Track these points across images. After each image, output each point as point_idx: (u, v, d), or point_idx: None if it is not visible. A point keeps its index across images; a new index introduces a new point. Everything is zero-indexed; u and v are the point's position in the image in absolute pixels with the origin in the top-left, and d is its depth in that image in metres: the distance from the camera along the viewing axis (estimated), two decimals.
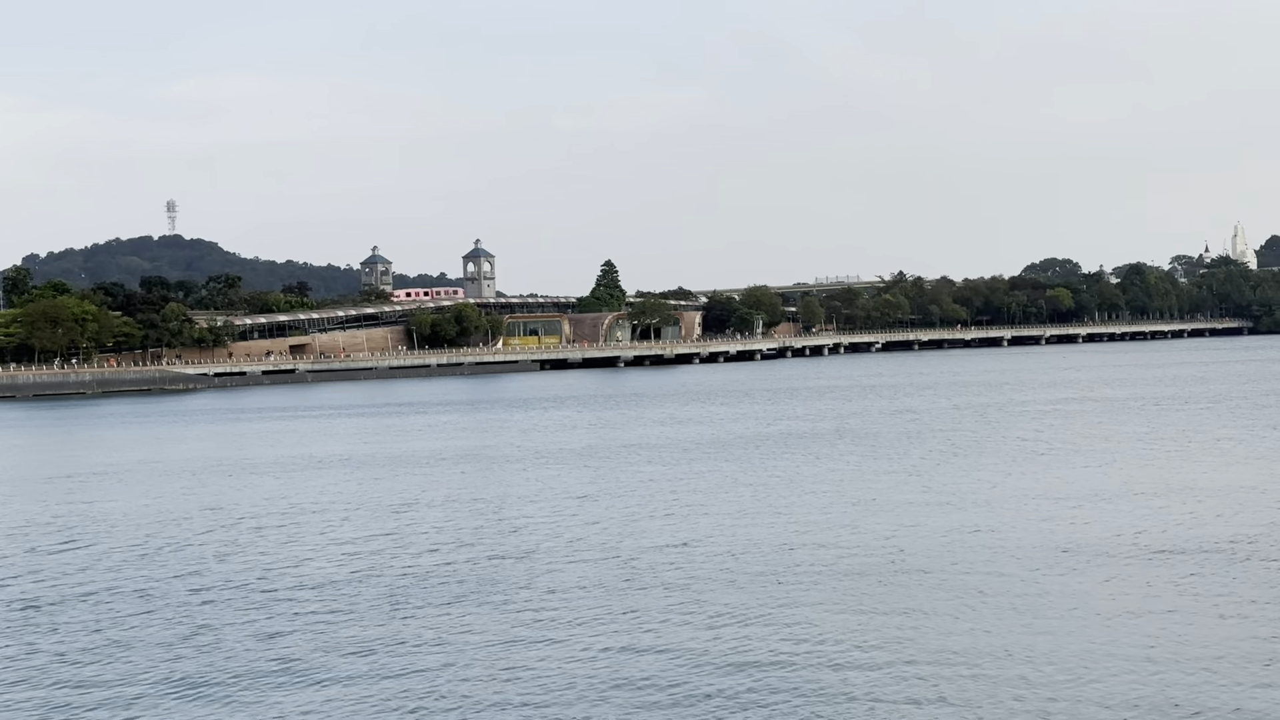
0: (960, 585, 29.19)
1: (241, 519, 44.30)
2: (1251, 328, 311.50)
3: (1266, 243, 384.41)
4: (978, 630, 25.22)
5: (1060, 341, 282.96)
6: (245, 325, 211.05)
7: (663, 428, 79.27)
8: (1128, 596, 27.66)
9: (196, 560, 36.35)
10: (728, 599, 28.65)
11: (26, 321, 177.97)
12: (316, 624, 27.93)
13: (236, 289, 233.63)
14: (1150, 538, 34.18)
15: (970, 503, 41.79)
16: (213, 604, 30.37)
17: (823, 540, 35.60)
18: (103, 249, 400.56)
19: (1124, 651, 23.41)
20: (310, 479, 56.50)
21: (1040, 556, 32.15)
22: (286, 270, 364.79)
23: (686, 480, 51.02)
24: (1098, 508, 39.74)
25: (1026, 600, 27.61)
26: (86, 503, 50.41)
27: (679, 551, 34.75)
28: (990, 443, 62.04)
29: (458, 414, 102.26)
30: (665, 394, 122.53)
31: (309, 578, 33.07)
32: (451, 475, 56.30)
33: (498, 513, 43.58)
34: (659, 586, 30.31)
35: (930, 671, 22.60)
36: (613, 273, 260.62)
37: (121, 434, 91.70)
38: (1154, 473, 47.95)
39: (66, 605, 30.82)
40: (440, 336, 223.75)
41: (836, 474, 51.39)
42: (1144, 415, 75.97)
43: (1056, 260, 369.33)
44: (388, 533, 40.00)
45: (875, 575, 30.70)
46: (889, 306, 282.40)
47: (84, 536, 41.44)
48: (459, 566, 33.84)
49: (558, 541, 37.16)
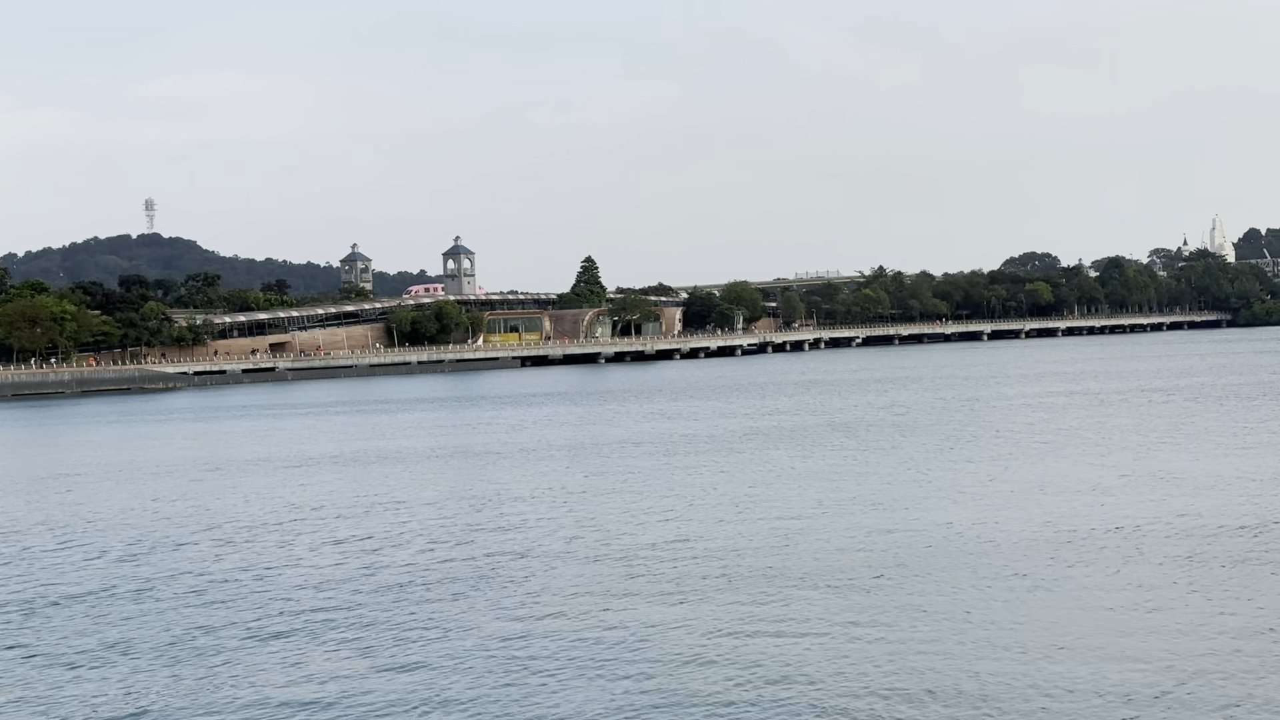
0: (969, 578, 28.95)
1: (235, 518, 43.85)
2: (1230, 320, 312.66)
3: (1245, 235, 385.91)
4: (987, 623, 24.98)
5: (1040, 335, 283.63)
6: (225, 324, 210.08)
7: (657, 423, 78.96)
8: (1138, 588, 27.46)
9: (193, 560, 35.92)
10: (729, 596, 28.37)
11: (4, 321, 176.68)
12: (317, 622, 27.56)
13: (215, 287, 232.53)
14: (1159, 528, 34.02)
15: (971, 495, 41.59)
16: (211, 604, 29.97)
17: (826, 535, 35.33)
18: (81, 248, 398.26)
19: (1138, 645, 23.21)
20: (303, 477, 56.02)
21: (1052, 548, 31.95)
22: (266, 268, 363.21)
23: (685, 475, 50.71)
24: (1102, 498, 39.58)
25: (1042, 592, 27.39)
26: (77, 503, 49.85)
27: (679, 547, 34.44)
28: (985, 436, 61.89)
29: (444, 411, 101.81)
30: (652, 389, 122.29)
31: (308, 576, 32.68)
32: (446, 472, 55.91)
33: (496, 509, 43.23)
34: (659, 583, 29.99)
35: (942, 668, 22.35)
36: (593, 269, 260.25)
37: (105, 433, 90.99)
38: (1153, 463, 47.82)
39: (62, 606, 30.37)
40: (421, 334, 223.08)
41: (835, 468, 51.14)
42: (1136, 407, 75.98)
43: (1036, 254, 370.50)
44: (385, 530, 39.61)
45: (882, 570, 30.44)
46: (869, 301, 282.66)
47: (78, 537, 40.93)
48: (458, 564, 33.49)
49: (555, 539, 36.82)
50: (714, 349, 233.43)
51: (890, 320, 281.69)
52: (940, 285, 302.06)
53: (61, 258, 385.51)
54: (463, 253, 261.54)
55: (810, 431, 68.23)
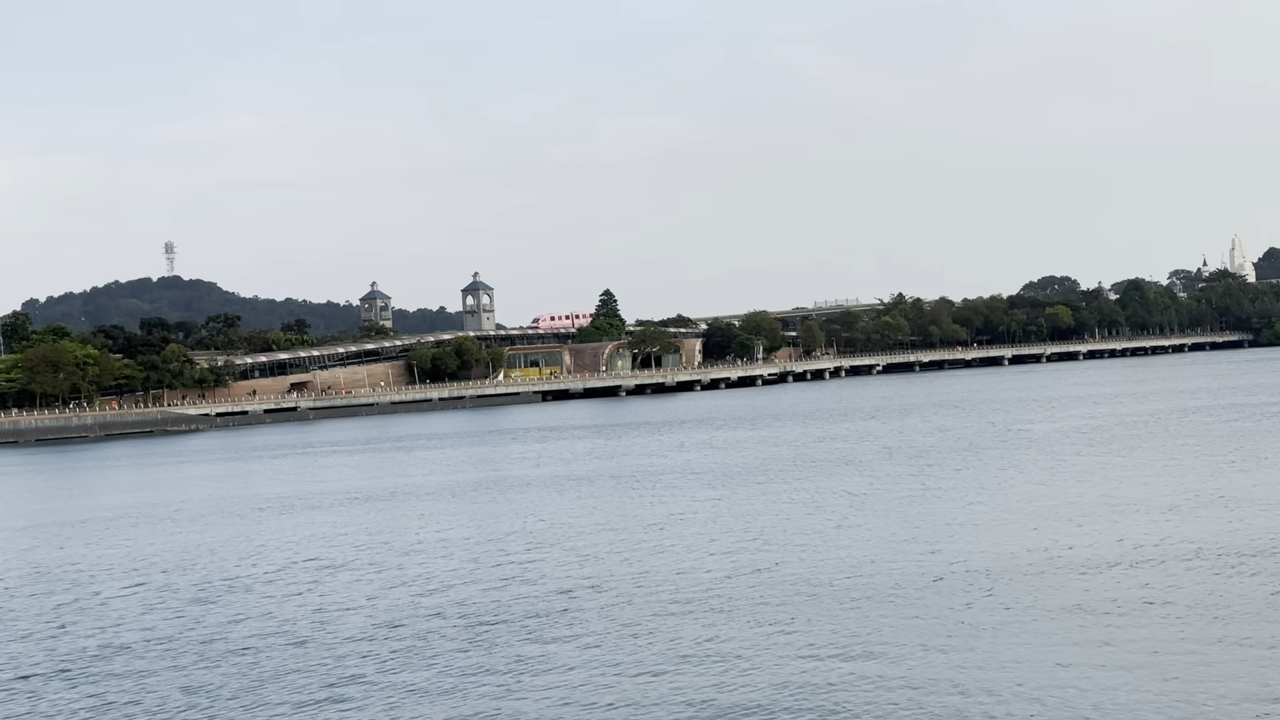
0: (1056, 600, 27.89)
1: (284, 558, 42.87)
2: (1252, 340, 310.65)
3: (1265, 255, 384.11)
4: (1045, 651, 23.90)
5: (1061, 359, 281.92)
6: (246, 364, 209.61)
7: (705, 453, 78.09)
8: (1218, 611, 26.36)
9: (251, 603, 34.95)
10: (820, 624, 27.30)
11: (27, 367, 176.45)
12: (390, 664, 26.53)
13: (236, 328, 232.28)
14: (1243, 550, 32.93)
15: (1046, 518, 40.56)
16: (273, 649, 28.95)
17: (912, 559, 34.26)
18: (102, 292, 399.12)
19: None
20: (354, 515, 55.04)
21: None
22: (286, 308, 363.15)
23: (752, 504, 49.75)
24: (1197, 518, 38.50)
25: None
26: (110, 548, 48.95)
27: (760, 577, 33.42)
28: (1046, 459, 60.80)
29: (479, 446, 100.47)
30: (690, 419, 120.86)
31: (377, 616, 31.66)
32: (503, 507, 54.87)
33: (569, 543, 42.21)
34: (739, 609, 28.92)
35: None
36: (612, 302, 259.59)
37: (134, 476, 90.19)
38: (1236, 484, 46.70)
39: (133, 651, 29.38)
40: (441, 370, 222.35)
41: (908, 493, 50.18)
42: (1189, 428, 74.56)
43: (1055, 278, 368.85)
44: (450, 569, 38.57)
45: (961, 594, 29.36)
46: (889, 328, 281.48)
47: (123, 582, 39.96)
48: (536, 601, 32.49)
49: (633, 571, 35.77)
50: (735, 379, 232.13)
51: (910, 347, 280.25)
52: (960, 311, 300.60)
53: (83, 302, 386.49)
54: (481, 288, 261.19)
55: (872, 457, 67.08)
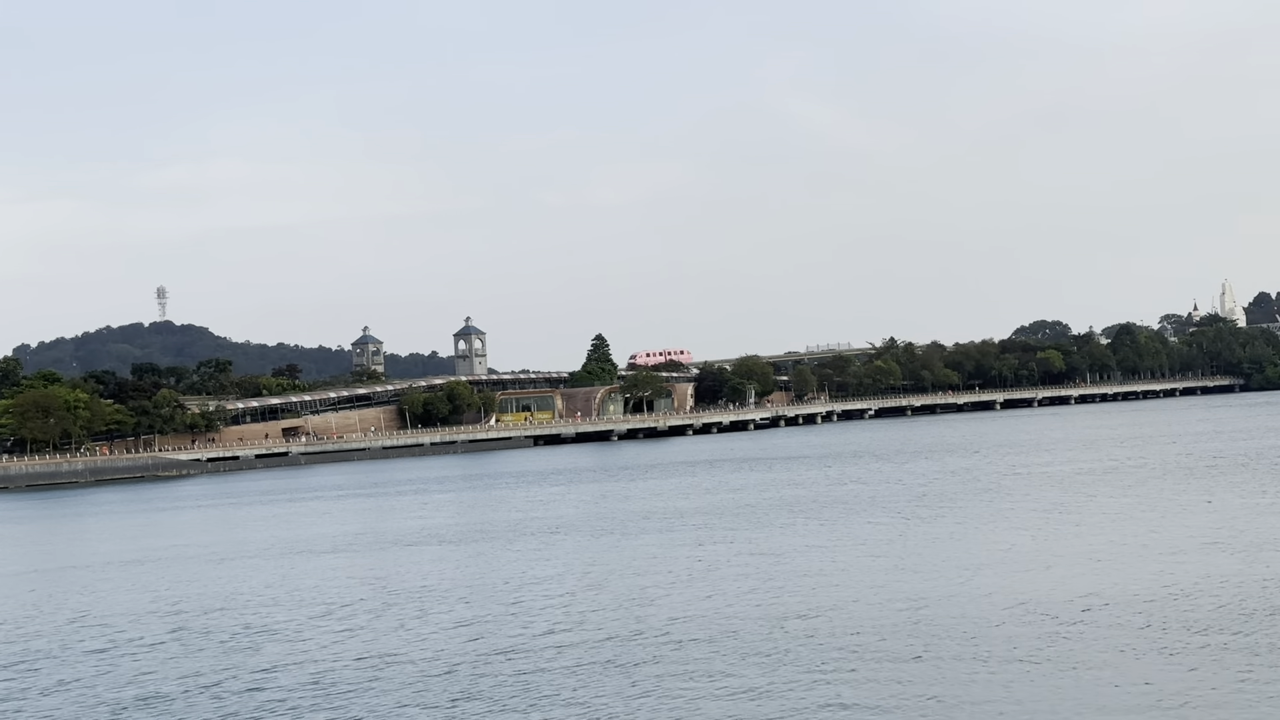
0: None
1: (292, 605, 42.38)
2: (1243, 385, 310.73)
3: (1255, 299, 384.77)
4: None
5: (1052, 403, 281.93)
6: (237, 409, 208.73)
7: (722, 495, 78.20)
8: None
9: (259, 651, 34.47)
10: (858, 672, 26.96)
11: (18, 412, 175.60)
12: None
13: (227, 373, 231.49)
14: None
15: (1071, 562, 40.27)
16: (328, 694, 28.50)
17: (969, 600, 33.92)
18: (94, 337, 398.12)
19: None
20: (365, 561, 54.54)
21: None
22: (277, 353, 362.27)
23: (770, 547, 49.50)
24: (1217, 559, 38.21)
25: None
26: (111, 593, 48.39)
27: (797, 623, 33.09)
28: (1062, 505, 60.54)
29: (474, 491, 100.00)
30: (688, 462, 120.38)
31: (412, 658, 31.20)
32: (510, 553, 54.43)
33: (605, 588, 41.83)
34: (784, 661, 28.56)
35: None
36: (604, 346, 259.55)
37: (127, 522, 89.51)
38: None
39: (175, 700, 28.90)
40: (433, 415, 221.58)
41: (942, 537, 50.05)
42: (1202, 474, 73.94)
43: (1046, 322, 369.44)
44: (464, 622, 38.11)
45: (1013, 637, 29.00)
46: (881, 373, 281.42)
47: (124, 632, 39.46)
48: (572, 648, 32.05)
49: (677, 616, 35.39)
50: (727, 424, 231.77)
51: (902, 391, 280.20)
52: (951, 355, 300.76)
53: (74, 347, 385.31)
54: (473, 333, 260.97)
55: (902, 502, 66.80)
